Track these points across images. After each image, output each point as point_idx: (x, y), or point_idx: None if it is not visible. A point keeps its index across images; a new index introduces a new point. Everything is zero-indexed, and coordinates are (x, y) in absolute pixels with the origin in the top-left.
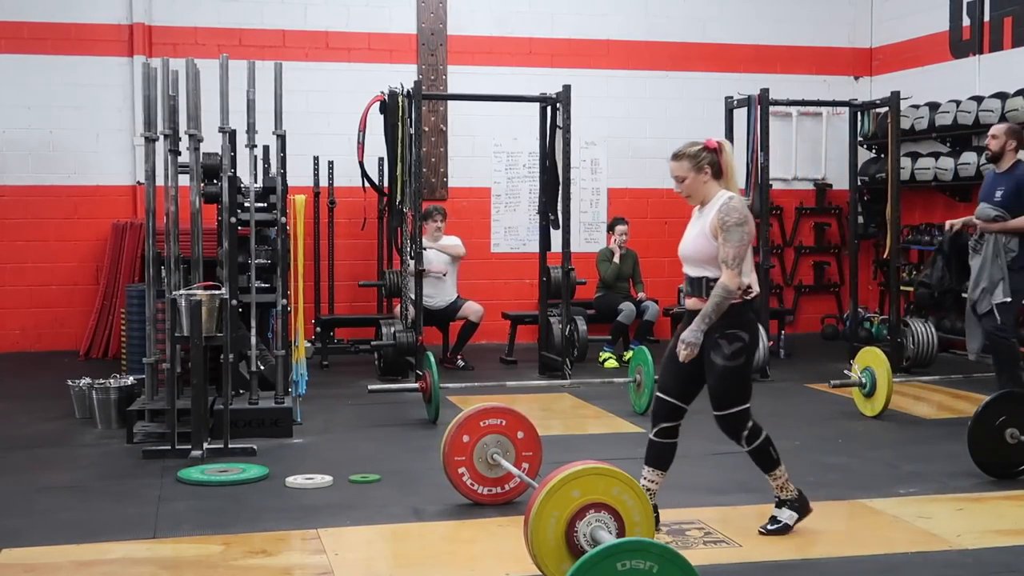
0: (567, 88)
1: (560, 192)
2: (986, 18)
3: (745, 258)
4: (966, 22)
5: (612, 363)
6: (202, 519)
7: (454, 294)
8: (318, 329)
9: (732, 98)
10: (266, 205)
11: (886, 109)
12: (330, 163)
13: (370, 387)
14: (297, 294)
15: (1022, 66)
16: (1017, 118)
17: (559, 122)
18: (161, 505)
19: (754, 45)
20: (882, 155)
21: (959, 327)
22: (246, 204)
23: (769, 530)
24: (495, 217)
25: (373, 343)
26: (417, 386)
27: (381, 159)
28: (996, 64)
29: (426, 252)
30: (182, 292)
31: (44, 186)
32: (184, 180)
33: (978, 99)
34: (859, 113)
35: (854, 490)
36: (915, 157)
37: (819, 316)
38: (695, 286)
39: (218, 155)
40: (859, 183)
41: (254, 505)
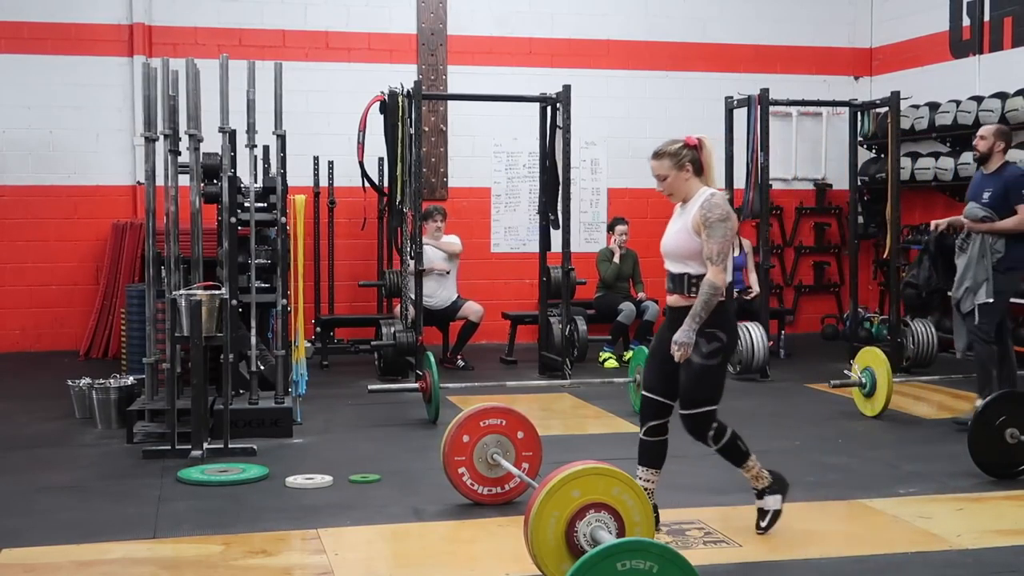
0: (567, 88)
1: (560, 192)
2: (986, 18)
3: (729, 254)
4: (966, 22)
5: (612, 363)
6: (202, 519)
7: (454, 294)
8: (318, 329)
9: (732, 98)
10: (266, 205)
11: (886, 109)
12: (330, 163)
13: (370, 387)
14: (297, 294)
15: (1022, 66)
16: (1017, 118)
17: (559, 122)
18: (161, 505)
19: (754, 45)
20: (882, 155)
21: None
22: (246, 204)
23: (765, 526)
24: (495, 217)
25: (373, 343)
26: (417, 386)
27: (381, 159)
28: (996, 64)
29: (425, 250)
30: (182, 292)
31: (44, 186)
32: (184, 180)
33: (978, 99)
34: (859, 113)
35: (854, 490)
36: (915, 157)
37: (819, 316)
38: (676, 283)
39: (218, 155)
40: (859, 183)
41: (254, 505)
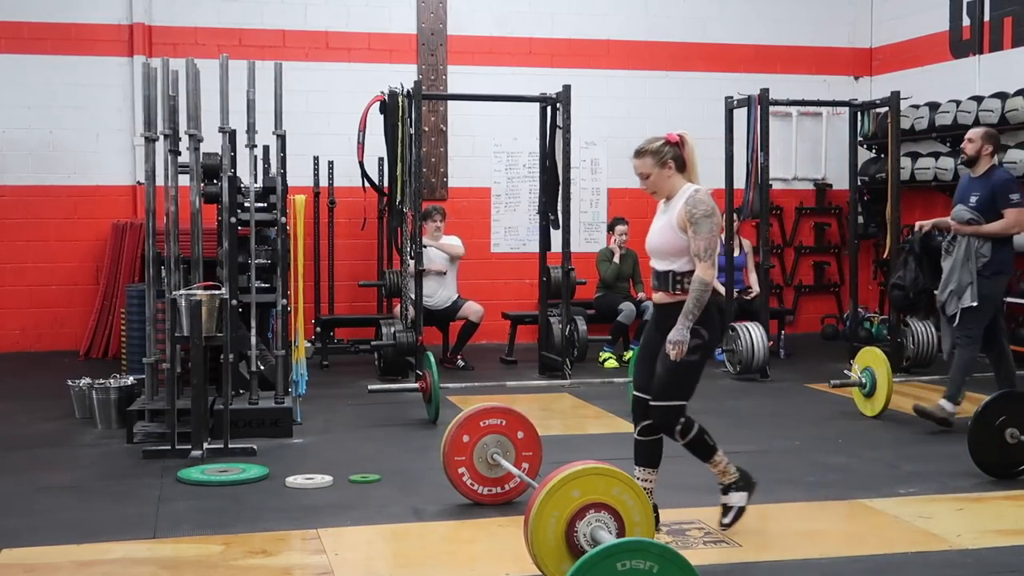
0: (567, 88)
1: (560, 192)
2: (986, 18)
3: (716, 249)
4: (966, 22)
5: (612, 363)
6: (202, 519)
7: (454, 294)
8: (318, 329)
9: (732, 98)
10: (266, 205)
11: (886, 109)
12: (330, 163)
13: (370, 387)
14: (297, 294)
15: (1022, 66)
16: (1017, 118)
17: (559, 122)
18: (161, 505)
19: (754, 45)
20: (882, 155)
21: None
22: (246, 204)
23: (728, 523)
24: (495, 217)
25: (373, 343)
26: (417, 386)
27: (381, 159)
28: (996, 64)
29: (426, 250)
30: (182, 292)
31: (44, 186)
32: (184, 180)
33: (978, 99)
34: (859, 113)
35: (854, 490)
36: (915, 157)
37: (819, 316)
38: (661, 280)
39: (218, 155)
40: (859, 183)
41: (254, 505)
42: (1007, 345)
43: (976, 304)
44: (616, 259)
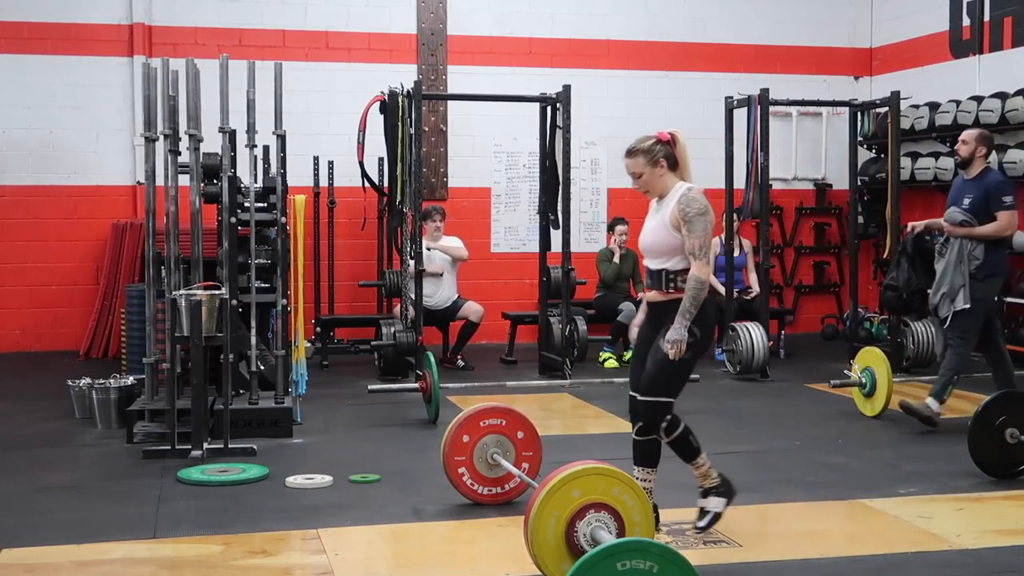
0: (567, 88)
1: (560, 192)
2: (986, 18)
3: (710, 247)
4: (966, 22)
5: (612, 363)
6: (202, 519)
7: (454, 294)
8: (318, 329)
9: (732, 98)
10: (266, 205)
11: (886, 109)
12: (330, 163)
13: (370, 387)
14: (297, 294)
15: (1022, 66)
16: (1017, 118)
17: (559, 122)
18: (161, 505)
19: (754, 45)
20: (882, 155)
21: None
22: (246, 204)
23: (703, 526)
24: (495, 217)
25: (373, 343)
26: (417, 386)
27: (381, 159)
28: (996, 64)
29: (429, 252)
30: (182, 292)
31: (44, 186)
32: (184, 180)
33: (978, 99)
34: (859, 113)
35: (854, 490)
36: (915, 157)
37: (819, 316)
38: (655, 279)
39: (218, 155)
40: (859, 183)
41: (254, 505)
42: (1003, 346)
43: (968, 307)
44: (616, 259)
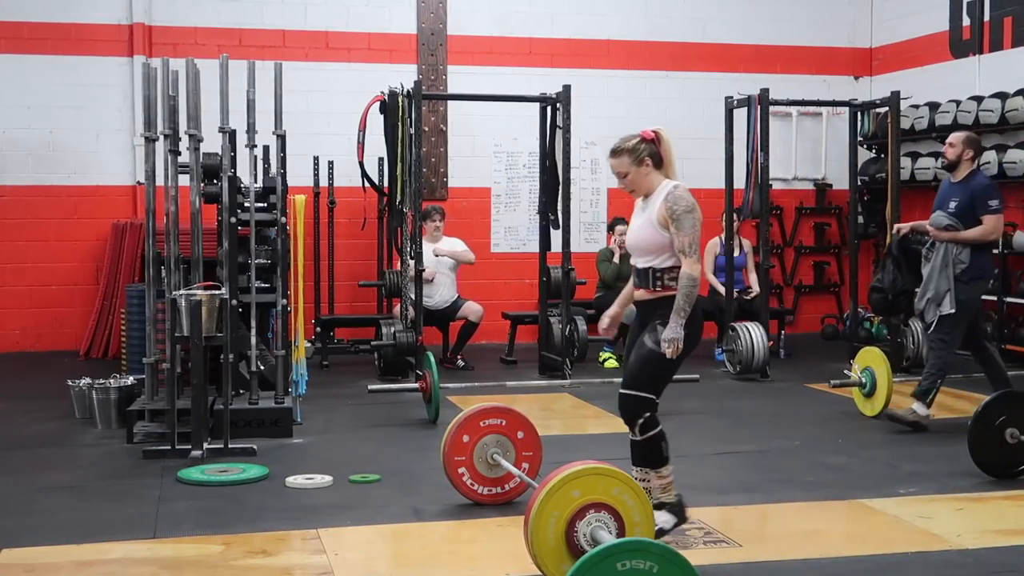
0: (567, 88)
1: (560, 192)
2: (986, 18)
3: (699, 244)
4: (966, 22)
5: (612, 363)
6: (202, 519)
7: (454, 294)
8: (318, 329)
9: (732, 98)
10: (266, 205)
11: (886, 109)
12: (330, 163)
13: (370, 387)
14: (297, 294)
15: (1022, 66)
16: (1017, 118)
17: (559, 122)
18: (161, 505)
19: (754, 45)
20: (882, 155)
21: None
22: (246, 204)
23: None
24: (495, 217)
25: (373, 343)
26: (417, 386)
27: (381, 159)
28: (996, 64)
29: (437, 258)
30: (182, 292)
31: (44, 186)
32: (184, 180)
33: (978, 99)
34: (859, 113)
35: (854, 490)
36: (915, 157)
37: (819, 316)
38: (642, 277)
39: (218, 155)
40: (859, 183)
41: (254, 505)
42: (991, 347)
43: (954, 311)
44: (616, 259)
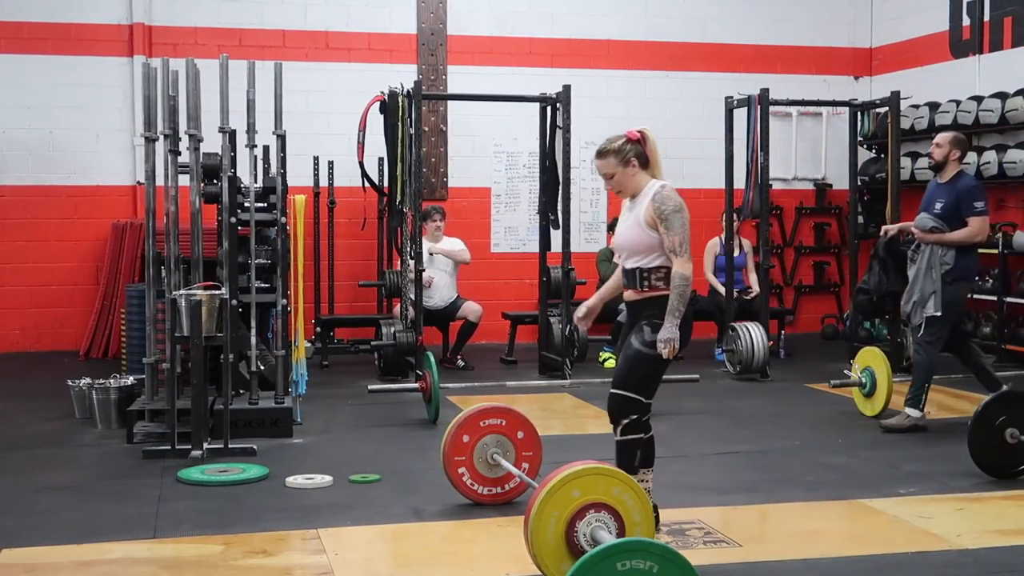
0: (567, 88)
1: (560, 192)
2: (986, 18)
3: (688, 242)
4: (966, 22)
5: (612, 363)
6: (202, 519)
7: (454, 294)
8: (318, 329)
9: (732, 98)
10: (266, 205)
11: (886, 109)
12: (330, 163)
13: (370, 387)
14: (297, 294)
15: (1022, 66)
16: (1017, 118)
17: (559, 122)
18: (161, 505)
19: (754, 45)
20: (882, 155)
21: None
22: (246, 204)
23: None
24: (495, 217)
25: (373, 343)
26: (417, 386)
27: (381, 159)
28: (996, 64)
29: (436, 258)
30: (182, 292)
31: (44, 186)
32: (184, 180)
33: (978, 99)
34: (859, 113)
35: (854, 490)
36: (915, 157)
37: (819, 316)
38: (630, 277)
39: (218, 155)
40: (859, 183)
41: (254, 505)
42: (975, 348)
43: (940, 314)
44: (616, 259)
